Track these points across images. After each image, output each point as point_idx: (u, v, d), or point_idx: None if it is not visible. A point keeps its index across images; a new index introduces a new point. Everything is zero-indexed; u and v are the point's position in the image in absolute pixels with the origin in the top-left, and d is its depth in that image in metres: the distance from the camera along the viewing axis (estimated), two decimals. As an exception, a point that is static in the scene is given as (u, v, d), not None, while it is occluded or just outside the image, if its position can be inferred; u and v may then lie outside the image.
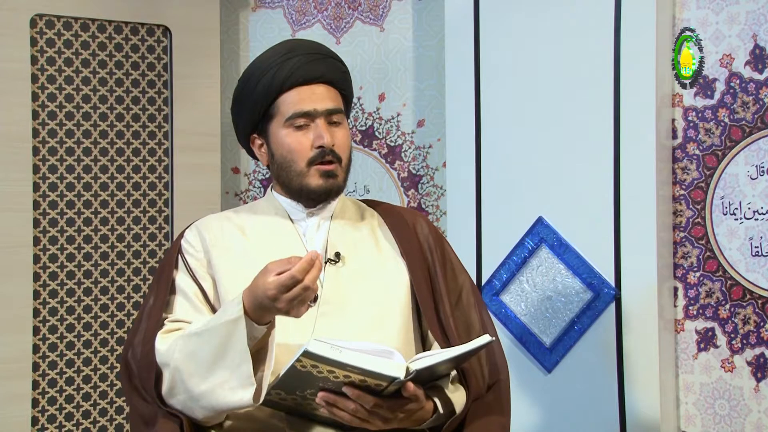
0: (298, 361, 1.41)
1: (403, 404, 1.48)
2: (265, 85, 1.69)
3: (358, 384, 1.43)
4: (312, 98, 1.69)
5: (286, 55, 1.70)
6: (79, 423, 2.81)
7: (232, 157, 3.24)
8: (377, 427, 1.49)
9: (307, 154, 1.68)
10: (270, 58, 1.72)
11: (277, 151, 1.71)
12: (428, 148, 3.10)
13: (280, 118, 1.70)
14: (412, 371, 1.42)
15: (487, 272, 2.69)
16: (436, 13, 3.04)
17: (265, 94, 1.70)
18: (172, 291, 1.70)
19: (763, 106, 2.39)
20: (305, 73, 1.69)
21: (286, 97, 1.69)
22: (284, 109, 1.69)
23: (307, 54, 1.71)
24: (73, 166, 2.81)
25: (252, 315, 1.50)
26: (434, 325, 1.68)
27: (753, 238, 2.40)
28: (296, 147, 1.68)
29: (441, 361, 1.46)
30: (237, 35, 3.26)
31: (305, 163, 1.68)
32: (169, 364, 1.58)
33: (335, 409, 1.46)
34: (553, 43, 2.57)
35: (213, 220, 1.78)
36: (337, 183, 1.70)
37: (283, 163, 1.70)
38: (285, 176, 1.71)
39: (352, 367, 1.39)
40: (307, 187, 1.69)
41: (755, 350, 2.40)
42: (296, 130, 1.68)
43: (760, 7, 2.39)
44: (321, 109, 1.69)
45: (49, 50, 2.76)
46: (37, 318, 2.73)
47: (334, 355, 1.38)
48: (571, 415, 2.54)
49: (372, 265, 1.73)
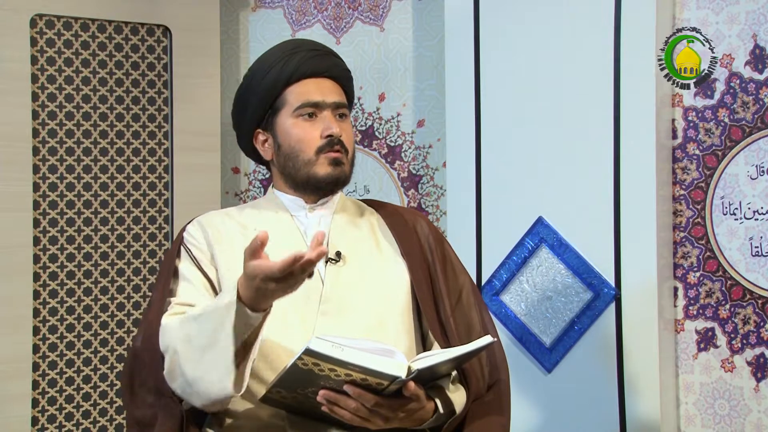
0: (299, 359, 1.40)
1: (404, 403, 1.48)
2: (272, 78, 1.71)
3: (360, 383, 1.43)
4: (320, 90, 1.71)
5: (292, 51, 1.73)
6: (79, 423, 2.81)
7: (232, 157, 3.24)
8: (378, 426, 1.49)
9: (315, 143, 1.69)
10: (275, 54, 1.74)
11: (285, 142, 1.71)
12: (428, 148, 3.10)
13: (288, 108, 1.71)
14: (413, 371, 1.42)
15: (487, 272, 2.69)
16: (436, 13, 3.04)
17: (272, 87, 1.71)
18: (176, 278, 1.69)
19: (763, 106, 2.39)
20: (312, 67, 1.71)
21: (294, 88, 1.71)
22: (292, 99, 1.71)
23: (312, 50, 1.74)
24: (73, 166, 2.81)
25: (247, 301, 1.47)
26: (434, 325, 1.68)
27: (753, 238, 2.40)
28: (305, 136, 1.69)
29: (442, 361, 1.46)
30: (237, 35, 3.26)
31: (314, 152, 1.69)
32: (169, 346, 1.57)
33: (336, 407, 1.46)
34: (553, 43, 2.57)
35: (215, 216, 1.78)
36: (344, 172, 1.71)
37: (290, 153, 1.71)
38: (292, 166, 1.71)
39: (353, 366, 1.39)
40: (315, 176, 1.70)
41: (755, 350, 2.40)
42: (304, 120, 1.70)
43: (760, 7, 2.39)
44: (329, 101, 1.71)
45: (49, 50, 2.76)
46: (37, 318, 2.73)
47: (336, 353, 1.38)
48: (571, 415, 2.54)
49: (373, 264, 1.73)
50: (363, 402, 1.44)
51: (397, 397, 1.47)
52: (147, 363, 1.62)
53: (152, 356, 1.60)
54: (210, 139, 3.04)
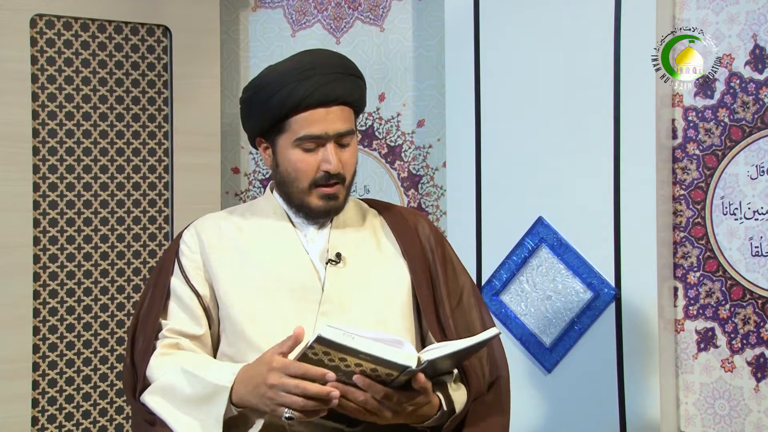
0: (310, 348, 1.39)
1: (412, 396, 1.48)
2: (280, 100, 1.65)
3: (369, 374, 1.43)
4: (325, 122, 1.65)
5: (306, 72, 1.65)
6: (79, 423, 2.81)
7: (232, 157, 3.24)
8: (385, 420, 1.48)
9: (311, 175, 1.67)
10: (289, 73, 1.66)
11: (282, 166, 1.69)
12: (428, 148, 3.11)
13: (290, 135, 1.67)
14: (423, 361, 1.42)
15: (487, 272, 2.69)
16: (436, 13, 3.04)
17: (278, 109, 1.66)
18: (168, 294, 1.71)
19: (763, 106, 2.39)
20: (322, 96, 1.65)
21: (300, 117, 1.65)
22: (296, 128, 1.66)
23: (328, 74, 1.67)
24: (73, 166, 2.81)
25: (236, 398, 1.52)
26: (434, 326, 1.68)
27: (753, 238, 2.40)
28: (302, 167, 1.67)
29: (450, 353, 1.46)
30: (237, 35, 3.26)
31: (308, 184, 1.67)
32: (158, 379, 1.62)
33: (344, 400, 1.45)
34: (553, 43, 2.57)
35: (211, 221, 1.78)
36: (337, 204, 1.70)
37: (287, 179, 1.70)
38: (287, 190, 1.71)
39: (365, 355, 1.38)
40: (308, 206, 1.69)
41: (755, 350, 2.40)
42: (304, 151, 1.66)
43: (760, 7, 2.39)
44: (332, 133, 1.66)
45: (49, 50, 2.76)
46: (37, 318, 2.73)
47: (347, 341, 1.37)
48: (571, 415, 2.54)
49: (373, 265, 1.73)
50: (372, 393, 1.44)
51: (405, 390, 1.47)
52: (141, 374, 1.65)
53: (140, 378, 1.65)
54: (210, 139, 3.04)
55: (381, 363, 1.40)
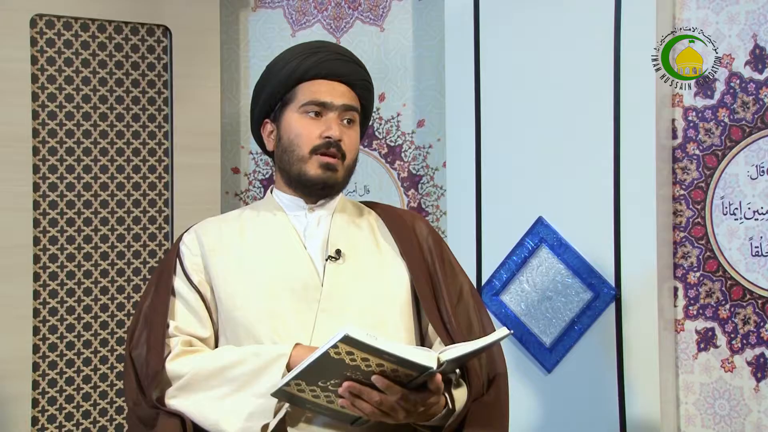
0: (333, 348, 1.37)
1: (426, 397, 1.47)
2: (289, 71, 1.71)
3: (389, 374, 1.42)
4: (331, 92, 1.71)
5: (315, 49, 1.73)
6: (79, 423, 2.81)
7: (232, 157, 3.24)
8: (397, 421, 1.48)
9: (312, 141, 1.69)
10: (298, 48, 1.75)
11: (285, 135, 1.72)
12: (428, 148, 3.11)
13: (295, 103, 1.71)
14: (442, 362, 1.41)
15: (487, 272, 2.69)
16: (436, 13, 3.04)
17: (286, 80, 1.72)
18: (172, 294, 1.71)
19: (763, 106, 2.39)
20: (329, 69, 1.71)
21: (306, 85, 1.71)
22: (301, 95, 1.71)
23: (336, 53, 1.75)
24: (73, 166, 2.81)
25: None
26: (437, 323, 1.68)
27: (753, 238, 2.40)
28: (303, 132, 1.69)
29: (468, 353, 1.46)
30: (237, 35, 3.26)
31: (308, 150, 1.69)
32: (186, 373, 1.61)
33: (358, 400, 1.45)
34: (553, 43, 2.58)
35: (212, 223, 1.78)
36: (335, 177, 1.70)
37: (287, 147, 1.71)
38: (286, 161, 1.72)
39: (388, 355, 1.37)
40: (305, 174, 1.70)
41: (755, 350, 2.40)
42: (309, 117, 1.70)
43: (760, 7, 2.39)
44: (337, 103, 1.70)
45: (49, 50, 2.76)
46: (37, 318, 2.73)
47: (372, 341, 1.36)
48: (571, 415, 2.54)
49: (372, 263, 1.73)
50: (390, 394, 1.43)
51: (420, 391, 1.46)
52: (146, 386, 1.63)
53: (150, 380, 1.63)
54: (210, 139, 3.04)
55: (403, 364, 1.39)
